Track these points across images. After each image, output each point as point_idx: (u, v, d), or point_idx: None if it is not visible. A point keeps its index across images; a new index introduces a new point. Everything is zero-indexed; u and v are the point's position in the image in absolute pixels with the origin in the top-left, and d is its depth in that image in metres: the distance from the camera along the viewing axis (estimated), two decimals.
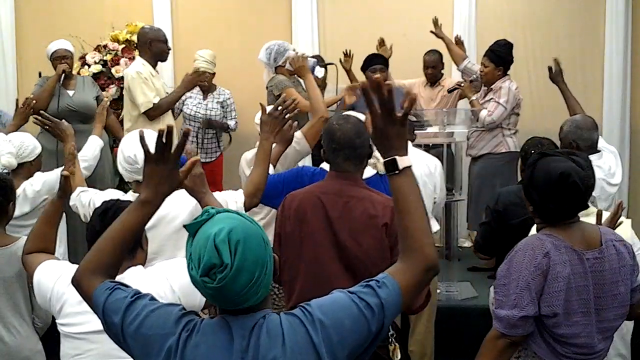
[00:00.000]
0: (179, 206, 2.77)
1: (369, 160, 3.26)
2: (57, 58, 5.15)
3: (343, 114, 2.98)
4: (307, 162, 4.19)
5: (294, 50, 4.84)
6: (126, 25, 6.05)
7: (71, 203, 3.04)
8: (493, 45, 5.36)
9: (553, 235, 2.31)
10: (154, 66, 5.04)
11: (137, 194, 2.71)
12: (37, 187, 3.65)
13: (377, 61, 5.32)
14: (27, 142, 3.82)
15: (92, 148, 3.98)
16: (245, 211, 2.81)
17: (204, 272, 1.55)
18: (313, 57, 5.01)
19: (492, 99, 5.29)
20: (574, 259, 2.27)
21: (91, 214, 2.81)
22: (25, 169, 3.78)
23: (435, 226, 3.70)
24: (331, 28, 6.40)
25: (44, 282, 2.37)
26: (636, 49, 6.32)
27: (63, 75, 5.05)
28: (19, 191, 3.65)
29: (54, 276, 2.35)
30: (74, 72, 5.45)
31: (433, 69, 5.81)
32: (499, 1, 6.42)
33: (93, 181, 4.34)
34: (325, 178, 2.78)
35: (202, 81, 5.38)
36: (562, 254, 2.26)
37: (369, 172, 3.31)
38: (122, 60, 5.84)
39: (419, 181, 3.81)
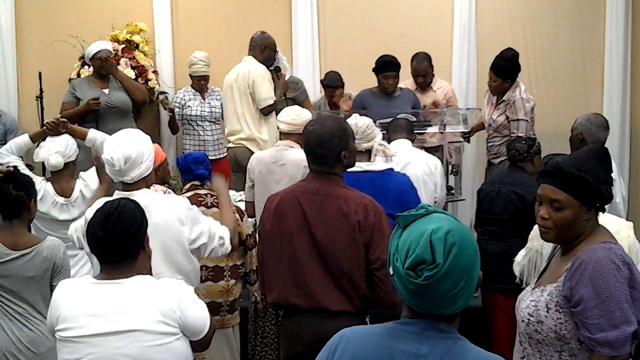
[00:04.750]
0: (165, 208, 2.77)
1: (376, 148, 3.29)
2: (100, 59, 5.26)
3: (329, 115, 3.03)
4: None
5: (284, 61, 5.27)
6: (126, 25, 6.05)
7: None
8: (498, 59, 5.21)
9: (609, 241, 2.17)
10: None
11: (123, 193, 2.71)
12: (93, 185, 3.69)
13: (390, 68, 5.27)
14: (71, 142, 3.87)
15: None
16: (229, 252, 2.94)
17: (411, 266, 1.50)
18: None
19: (507, 116, 5.17)
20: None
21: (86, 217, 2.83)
22: (70, 169, 3.83)
23: None
24: (331, 28, 6.39)
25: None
26: (636, 49, 6.31)
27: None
28: (75, 193, 3.74)
29: (57, 289, 2.33)
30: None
31: (424, 77, 5.61)
32: (499, 1, 6.41)
33: None
34: (305, 178, 2.88)
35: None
36: (628, 257, 2.17)
37: (381, 165, 3.34)
38: (122, 60, 5.83)
39: (419, 181, 3.90)
